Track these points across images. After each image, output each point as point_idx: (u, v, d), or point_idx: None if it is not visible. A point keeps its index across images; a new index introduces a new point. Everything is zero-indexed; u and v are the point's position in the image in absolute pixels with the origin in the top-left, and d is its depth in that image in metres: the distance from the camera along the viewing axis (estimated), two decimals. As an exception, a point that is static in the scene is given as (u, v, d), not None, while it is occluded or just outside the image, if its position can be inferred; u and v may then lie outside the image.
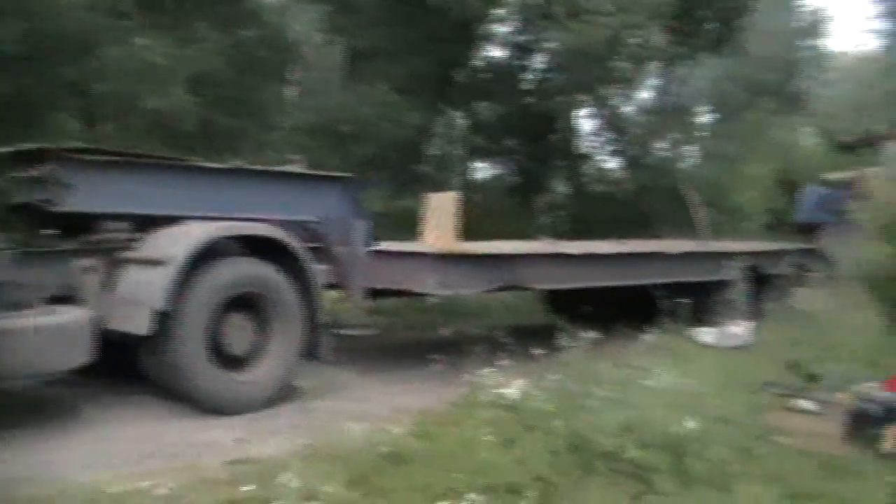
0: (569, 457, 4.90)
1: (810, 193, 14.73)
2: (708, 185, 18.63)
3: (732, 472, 4.94)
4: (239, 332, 6.41)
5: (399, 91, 17.25)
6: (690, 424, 5.06)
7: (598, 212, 20.77)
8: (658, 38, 14.85)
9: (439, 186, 23.07)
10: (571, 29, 13.44)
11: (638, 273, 9.38)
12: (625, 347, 8.34)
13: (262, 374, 6.50)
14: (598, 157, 22.89)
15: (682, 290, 9.84)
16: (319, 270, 6.99)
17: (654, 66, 19.30)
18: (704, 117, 22.77)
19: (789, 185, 25.72)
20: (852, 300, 9.76)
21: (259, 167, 7.46)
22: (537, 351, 6.85)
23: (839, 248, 12.63)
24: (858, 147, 20.12)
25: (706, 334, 9.68)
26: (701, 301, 10.20)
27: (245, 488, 4.32)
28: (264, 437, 5.50)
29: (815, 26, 29.55)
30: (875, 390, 6.10)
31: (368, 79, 17.19)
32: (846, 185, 15.59)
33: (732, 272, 10.47)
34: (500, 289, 8.34)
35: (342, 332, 7.67)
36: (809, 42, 30.13)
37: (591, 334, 7.20)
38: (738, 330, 9.71)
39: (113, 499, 4.20)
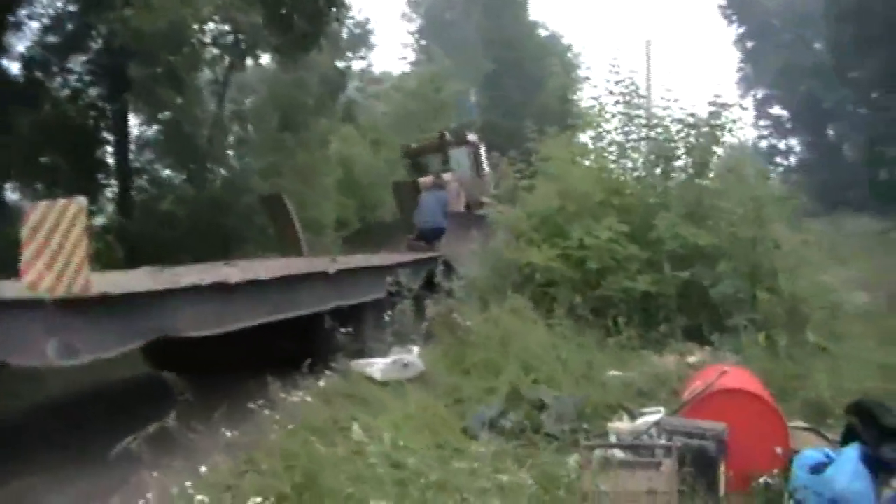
0: None
1: (428, 199, 13.86)
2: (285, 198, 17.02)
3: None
4: None
5: None
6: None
7: (160, 233, 18.17)
8: (249, 24, 12.84)
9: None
10: (155, 7, 10.90)
11: (302, 301, 7.40)
12: (298, 399, 6.46)
13: None
14: (159, 171, 20.08)
15: (341, 316, 8.15)
16: None
17: (221, 66, 17.23)
18: (273, 125, 21.14)
19: (355, 194, 25.72)
20: (506, 308, 8.83)
21: None
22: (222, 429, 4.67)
23: (463, 253, 11.91)
24: (425, 153, 20.32)
25: (375, 367, 8.06)
26: (357, 327, 8.59)
27: None
28: None
29: (358, 41, 29.74)
30: (676, 419, 4.96)
31: None
32: (442, 186, 15.22)
33: (384, 290, 9.02)
34: (146, 344, 5.66)
35: None
36: (354, 56, 30.37)
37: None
38: (409, 357, 8.25)
39: None
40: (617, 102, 10.18)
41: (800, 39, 47.73)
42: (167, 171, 20.52)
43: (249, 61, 18.14)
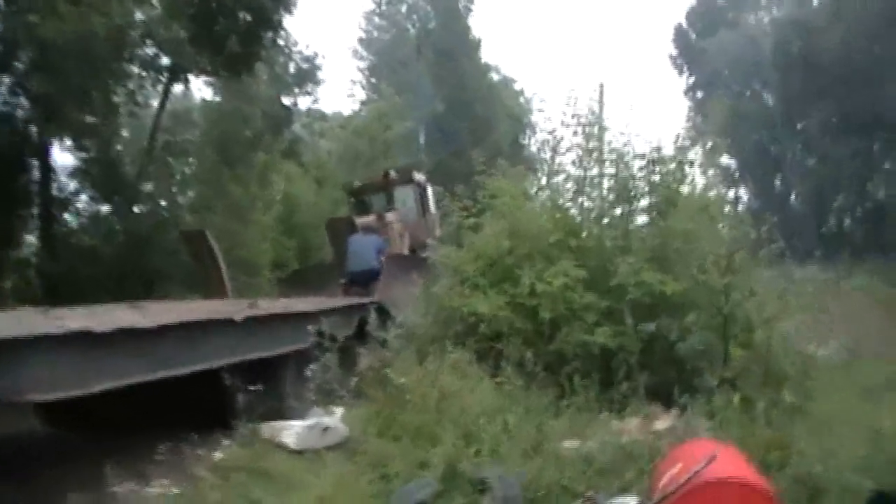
0: None
1: (360, 242, 12.73)
2: (216, 236, 15.77)
3: None
4: None
5: None
6: None
7: (82, 270, 16.77)
8: (173, 42, 11.61)
9: None
10: (67, 17, 9.63)
11: (200, 353, 6.16)
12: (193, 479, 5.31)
13: None
14: (84, 204, 18.66)
15: (246, 370, 6.92)
16: None
17: (154, 92, 15.96)
18: (210, 159, 19.91)
19: (296, 234, 24.52)
20: (446, 363, 7.68)
21: None
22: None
23: (403, 298, 10.81)
24: (368, 192, 19.35)
25: (289, 433, 6.85)
26: (275, 383, 7.38)
27: None
28: None
29: (306, 77, 28.46)
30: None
31: None
32: (374, 229, 14.17)
33: (307, 340, 7.82)
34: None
35: None
36: (301, 92, 29.12)
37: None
38: (330, 421, 7.08)
39: None
40: (575, 134, 9.19)
41: (749, 89, 48.06)
42: (92, 204, 19.04)
43: (181, 87, 16.82)
